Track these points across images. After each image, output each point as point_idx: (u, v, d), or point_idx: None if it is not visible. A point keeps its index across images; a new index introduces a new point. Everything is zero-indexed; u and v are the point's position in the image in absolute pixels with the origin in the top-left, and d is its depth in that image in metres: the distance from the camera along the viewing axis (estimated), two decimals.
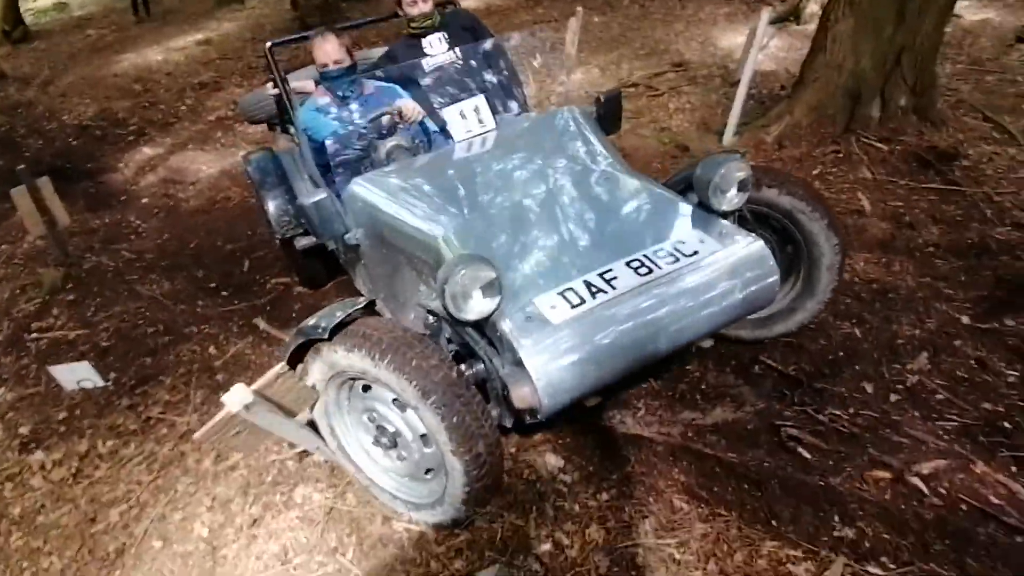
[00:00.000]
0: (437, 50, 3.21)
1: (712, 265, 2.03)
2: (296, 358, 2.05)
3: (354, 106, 2.98)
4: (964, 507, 2.00)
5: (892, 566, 1.83)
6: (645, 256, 2.05)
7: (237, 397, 1.88)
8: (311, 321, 1.92)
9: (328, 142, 2.81)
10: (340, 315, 1.87)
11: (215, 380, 3.03)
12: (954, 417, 2.33)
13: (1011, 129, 4.22)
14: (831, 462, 2.21)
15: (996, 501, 2.01)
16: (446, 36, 3.26)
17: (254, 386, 1.99)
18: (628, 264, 2.02)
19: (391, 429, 2.05)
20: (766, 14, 4.38)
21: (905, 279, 3.11)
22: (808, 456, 2.24)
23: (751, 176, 2.21)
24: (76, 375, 2.79)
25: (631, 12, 8.11)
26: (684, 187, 2.50)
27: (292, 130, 3.42)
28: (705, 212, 2.24)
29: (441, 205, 2.29)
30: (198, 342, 3.31)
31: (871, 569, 1.82)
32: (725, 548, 1.93)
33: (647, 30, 7.47)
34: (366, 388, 2.06)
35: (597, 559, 1.93)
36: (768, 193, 2.35)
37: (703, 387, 2.63)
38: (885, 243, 3.40)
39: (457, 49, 3.15)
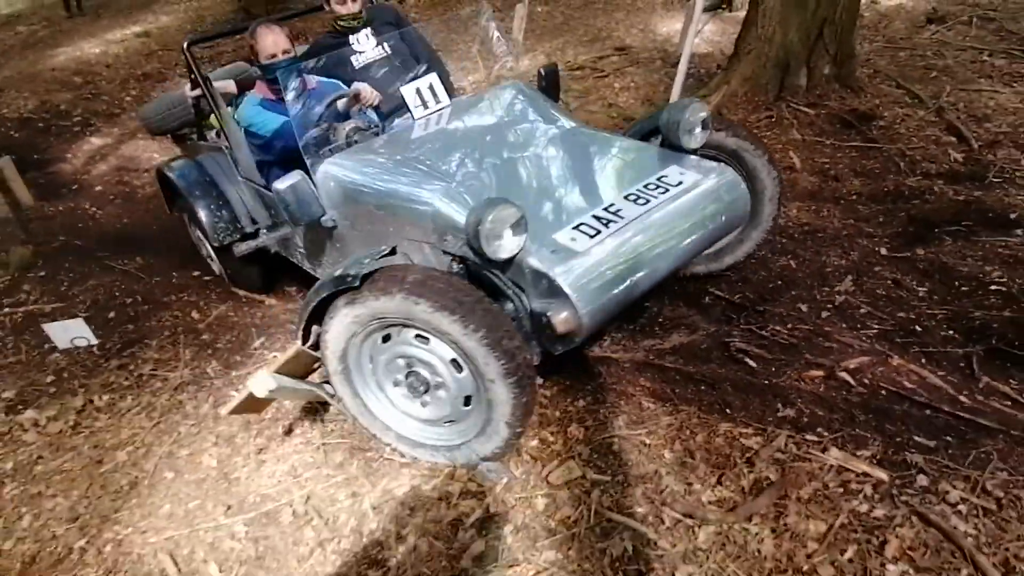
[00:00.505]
0: (365, 46, 3.21)
1: (697, 192, 2.26)
2: (317, 314, 2.08)
3: (300, 100, 2.89)
4: (883, 392, 2.35)
5: (826, 433, 2.16)
6: (639, 190, 2.25)
7: (261, 383, 2.01)
8: (337, 272, 1.95)
9: (293, 125, 2.71)
10: (368, 262, 1.92)
11: (201, 340, 3.14)
12: (874, 325, 2.70)
13: (921, 95, 4.72)
14: (773, 367, 2.53)
15: (909, 385, 2.37)
16: (372, 32, 3.26)
17: (273, 368, 2.12)
18: (626, 198, 2.22)
19: (427, 377, 2.08)
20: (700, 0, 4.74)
21: (832, 221, 3.50)
22: (754, 364, 2.56)
23: (711, 116, 2.49)
24: (70, 333, 2.85)
25: (573, 2, 8.43)
26: (640, 138, 2.77)
27: (214, 135, 3.38)
28: (673, 151, 2.48)
29: (427, 173, 2.34)
30: (179, 308, 3.40)
31: (808, 437, 2.15)
32: (688, 432, 2.22)
33: (589, 18, 7.81)
34: (420, 337, 2.03)
35: (579, 449, 2.19)
36: (716, 136, 2.65)
37: (660, 319, 2.93)
38: (814, 193, 3.80)
39: (385, 43, 3.21)
